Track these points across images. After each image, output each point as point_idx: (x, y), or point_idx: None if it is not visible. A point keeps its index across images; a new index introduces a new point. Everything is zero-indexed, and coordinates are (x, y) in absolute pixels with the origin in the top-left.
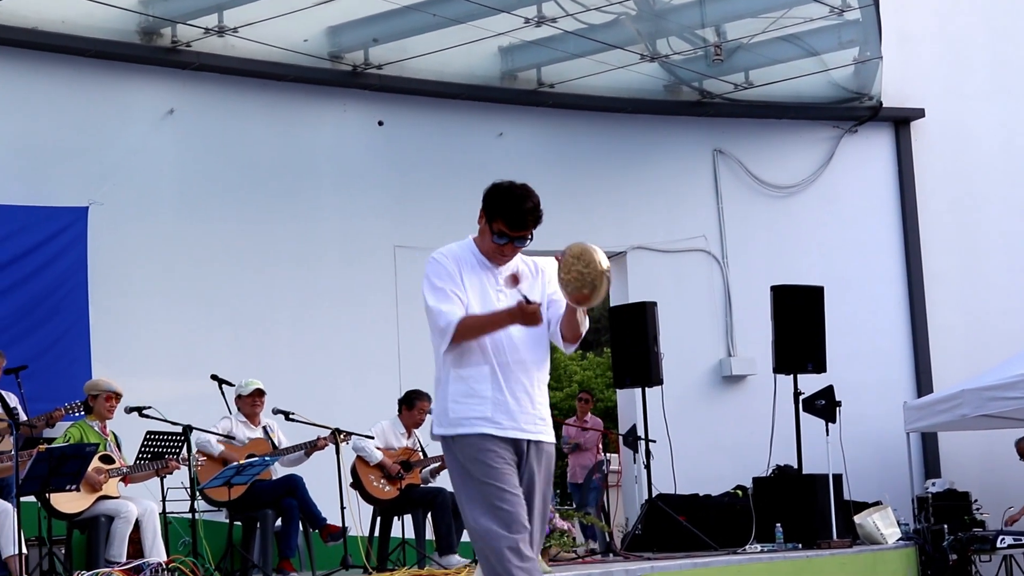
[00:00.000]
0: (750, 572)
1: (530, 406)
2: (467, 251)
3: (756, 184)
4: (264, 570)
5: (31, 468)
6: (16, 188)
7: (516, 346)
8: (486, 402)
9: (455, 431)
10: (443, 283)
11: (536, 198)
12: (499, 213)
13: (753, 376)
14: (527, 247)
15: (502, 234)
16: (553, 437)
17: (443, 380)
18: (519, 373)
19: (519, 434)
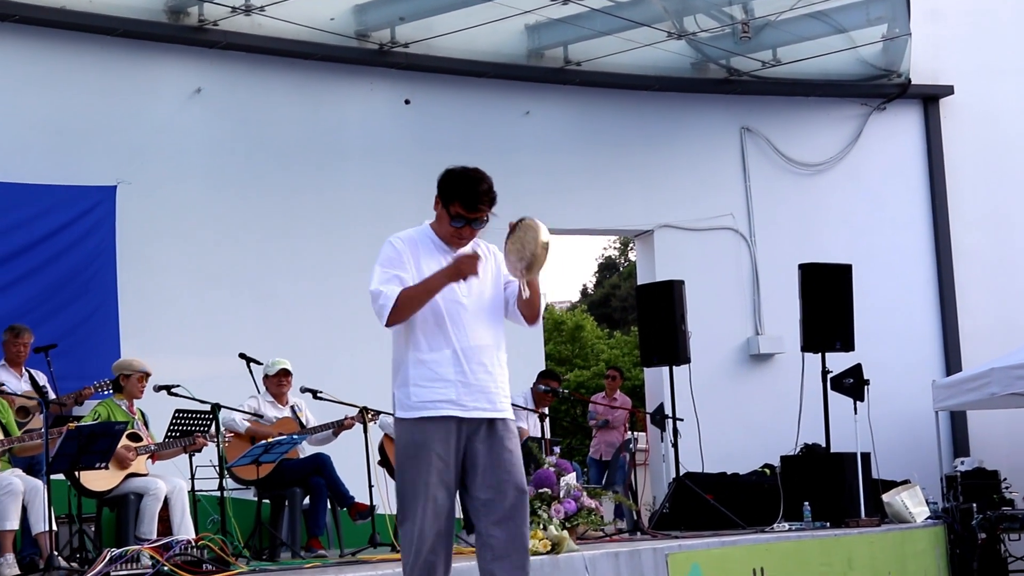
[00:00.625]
0: (778, 551)
1: (492, 385)
2: (424, 236)
3: (784, 162)
4: (292, 548)
5: (61, 446)
6: (45, 167)
7: (476, 329)
8: (450, 384)
9: (418, 414)
10: (387, 267)
11: (490, 181)
12: (455, 196)
13: (781, 354)
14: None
15: (459, 216)
16: (511, 412)
17: (403, 364)
18: (480, 354)
19: (483, 413)
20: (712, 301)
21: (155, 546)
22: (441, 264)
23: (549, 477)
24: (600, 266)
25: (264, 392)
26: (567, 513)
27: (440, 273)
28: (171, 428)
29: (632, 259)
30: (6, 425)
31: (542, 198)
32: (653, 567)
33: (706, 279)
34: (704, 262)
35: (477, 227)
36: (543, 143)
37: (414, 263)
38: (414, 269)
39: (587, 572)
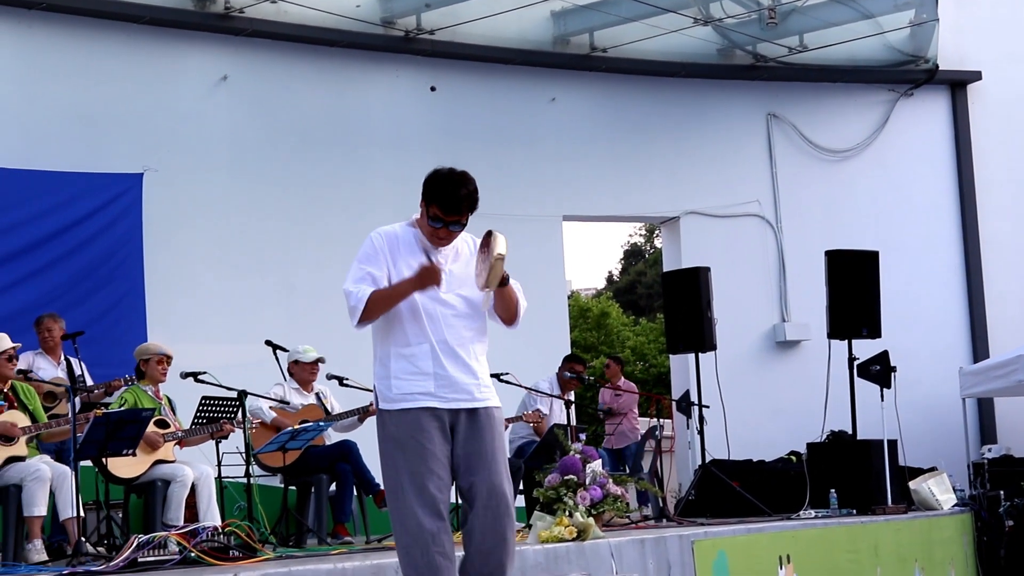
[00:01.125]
0: (804, 538)
1: (471, 377)
2: (408, 232)
3: (810, 148)
4: (319, 535)
5: (88, 433)
6: (72, 155)
7: (453, 323)
8: (429, 378)
9: (399, 406)
10: (363, 264)
11: (472, 186)
12: (434, 199)
13: (807, 341)
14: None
15: (437, 218)
16: (498, 402)
17: (383, 358)
18: (458, 348)
19: (460, 404)
20: (738, 288)
21: (182, 532)
22: (418, 258)
23: (575, 464)
24: (626, 253)
25: (290, 379)
26: (593, 500)
27: (405, 282)
28: (198, 415)
29: (658, 246)
30: (33, 411)
31: (568, 185)
32: (679, 554)
33: (732, 266)
34: (730, 249)
35: (455, 229)
36: (569, 130)
37: (391, 260)
38: (390, 266)
39: (613, 559)
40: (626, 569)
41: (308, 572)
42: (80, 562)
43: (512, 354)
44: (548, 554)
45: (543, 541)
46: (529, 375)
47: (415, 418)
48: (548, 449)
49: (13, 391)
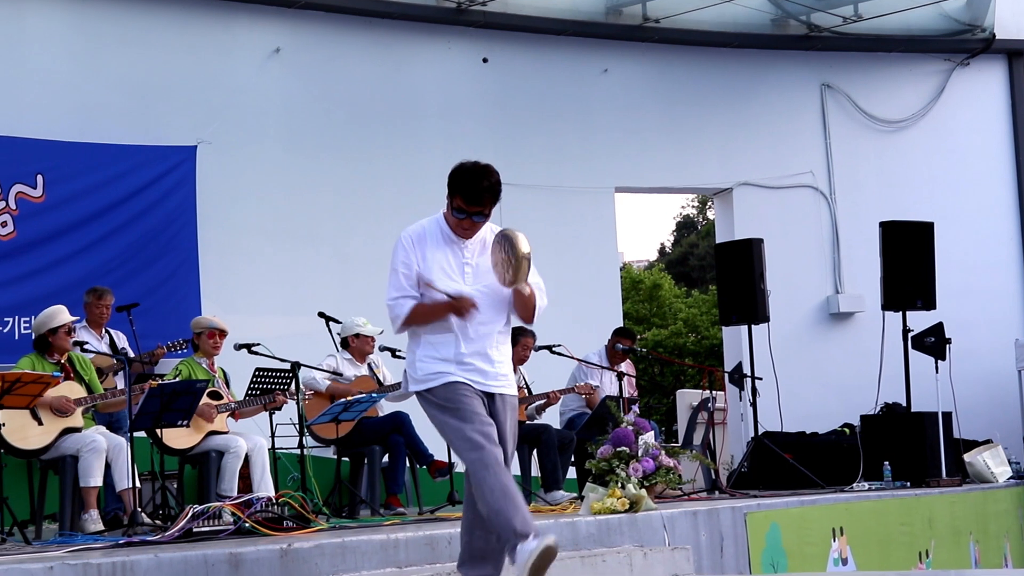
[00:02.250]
0: (858, 510)
1: (489, 366)
2: (435, 226)
3: (865, 119)
4: (372, 506)
5: (143, 404)
6: (126, 128)
7: (476, 315)
8: (450, 364)
9: (427, 386)
10: (400, 269)
11: (495, 178)
12: (457, 190)
13: (861, 313)
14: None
15: (460, 210)
16: (515, 390)
17: (412, 344)
18: (479, 338)
19: (480, 388)
20: (791, 259)
21: (237, 503)
22: (447, 256)
23: (627, 436)
24: (678, 225)
25: (343, 350)
26: (645, 472)
27: (442, 306)
28: (251, 386)
29: (710, 217)
30: (89, 382)
31: (620, 156)
32: (732, 526)
33: (786, 237)
34: (784, 220)
35: (478, 220)
36: (621, 101)
37: (421, 256)
38: (419, 261)
39: (665, 531)
40: (678, 541)
41: (361, 543)
42: (136, 532)
43: (565, 326)
44: (600, 526)
45: (595, 513)
46: (581, 347)
47: (448, 387)
48: (600, 421)
49: (70, 362)
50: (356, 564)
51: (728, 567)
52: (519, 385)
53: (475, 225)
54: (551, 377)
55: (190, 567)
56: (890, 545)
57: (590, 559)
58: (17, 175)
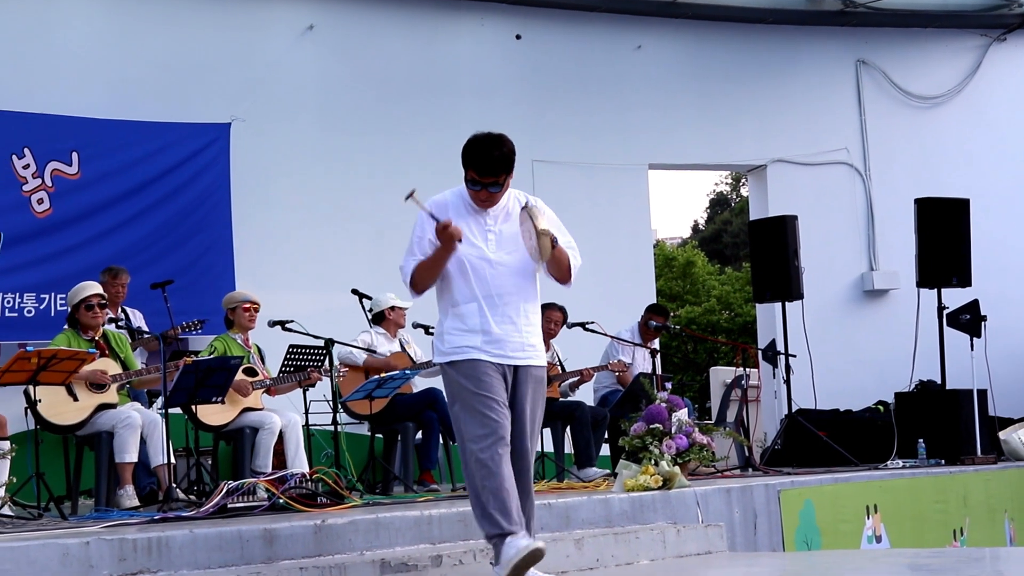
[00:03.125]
0: (892, 488)
1: (516, 335)
2: (457, 197)
3: (900, 95)
4: (405, 482)
5: (178, 380)
6: (161, 105)
7: (501, 282)
8: (476, 334)
9: (451, 359)
10: (416, 238)
11: (507, 147)
12: (470, 163)
13: (896, 290)
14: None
15: (474, 181)
16: (543, 360)
17: (441, 316)
18: (504, 305)
19: (505, 360)
20: (826, 236)
21: (271, 479)
22: (470, 224)
23: (660, 413)
24: (711, 202)
25: (376, 327)
26: (679, 449)
27: (436, 249)
28: (285, 363)
29: (744, 194)
30: (124, 359)
31: (653, 133)
32: (765, 503)
33: (820, 214)
34: (818, 197)
35: (493, 191)
36: (655, 78)
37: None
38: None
39: (699, 508)
40: (712, 518)
41: (395, 519)
42: (171, 508)
43: (598, 303)
44: (634, 502)
45: (629, 490)
46: (615, 324)
47: (471, 364)
48: (634, 398)
49: (105, 339)
50: (390, 540)
51: (761, 544)
52: (552, 362)
53: (491, 196)
54: (584, 354)
55: (225, 543)
56: (924, 523)
57: (623, 536)
58: (53, 152)
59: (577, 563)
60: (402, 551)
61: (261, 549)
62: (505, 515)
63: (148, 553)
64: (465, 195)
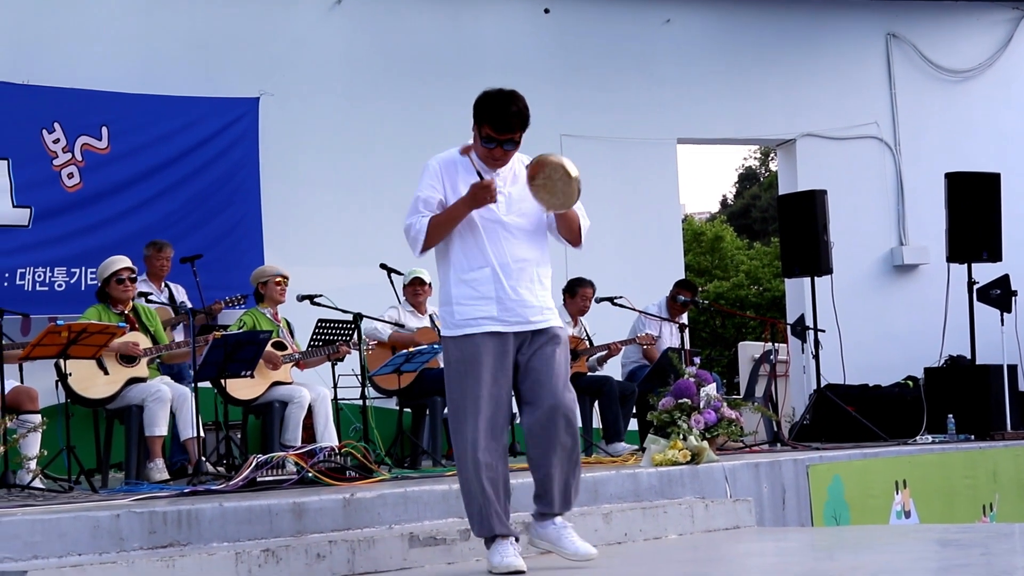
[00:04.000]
0: (921, 463)
1: (533, 299)
2: (463, 158)
3: (931, 69)
4: (434, 456)
5: (207, 355)
6: (190, 80)
7: (515, 246)
8: (491, 302)
9: (462, 331)
10: (421, 194)
11: (523, 103)
12: (485, 119)
13: (926, 265)
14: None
15: (489, 138)
16: (560, 322)
17: (445, 285)
18: (520, 271)
19: (523, 327)
20: (855, 211)
21: (300, 453)
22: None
23: (689, 387)
24: (740, 176)
25: (404, 302)
26: (707, 424)
27: (459, 202)
28: (314, 337)
29: (773, 169)
30: (154, 333)
31: (682, 108)
32: (794, 478)
33: (849, 189)
34: (847, 171)
35: (508, 148)
36: (684, 52)
37: (450, 185)
38: (447, 189)
39: (727, 483)
40: (740, 493)
41: (423, 493)
42: (200, 481)
43: (626, 278)
44: (662, 477)
45: (657, 464)
46: (643, 299)
47: (478, 343)
48: (662, 373)
49: (135, 313)
50: (418, 514)
51: (790, 519)
52: (580, 336)
53: (506, 154)
54: (612, 329)
55: (254, 516)
56: (954, 498)
57: (651, 511)
58: (83, 127)
59: (605, 537)
60: (430, 525)
61: (290, 522)
62: (494, 520)
63: (178, 526)
64: (467, 158)
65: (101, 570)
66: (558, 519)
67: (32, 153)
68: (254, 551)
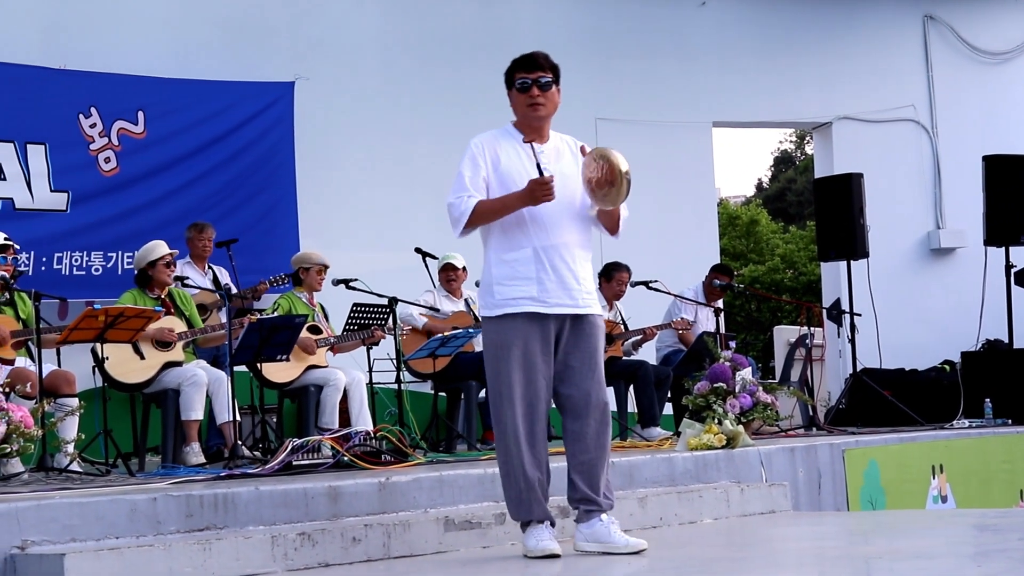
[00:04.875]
0: (958, 448)
1: (574, 282)
2: (506, 134)
3: (968, 50)
4: (468, 440)
5: (243, 338)
6: (225, 64)
7: (557, 227)
8: (531, 282)
9: (502, 311)
10: (466, 171)
11: (546, 54)
12: (514, 68)
13: (963, 248)
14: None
15: (523, 82)
16: (599, 309)
17: (487, 264)
18: (561, 252)
19: (564, 310)
20: (892, 194)
21: (335, 436)
22: (521, 157)
23: (724, 372)
24: (776, 160)
25: (439, 287)
26: (742, 408)
27: (516, 196)
28: (349, 321)
29: (809, 152)
30: (190, 317)
31: (717, 91)
32: (830, 462)
33: (886, 172)
34: (884, 154)
35: (544, 86)
36: (719, 34)
37: (493, 158)
38: (489, 168)
39: (762, 467)
40: (776, 477)
41: (459, 477)
42: (236, 465)
43: (661, 262)
44: (697, 461)
45: (692, 449)
46: (678, 283)
47: (517, 324)
48: (697, 357)
49: (170, 297)
50: (453, 498)
51: (826, 504)
52: (616, 321)
53: (544, 94)
54: (647, 313)
55: (290, 499)
56: (991, 483)
57: (687, 495)
58: (119, 111)
59: (640, 521)
60: (465, 508)
61: (326, 506)
62: (532, 504)
63: (215, 509)
64: (513, 131)
65: (138, 553)
66: (604, 516)
67: (69, 138)
68: (290, 534)
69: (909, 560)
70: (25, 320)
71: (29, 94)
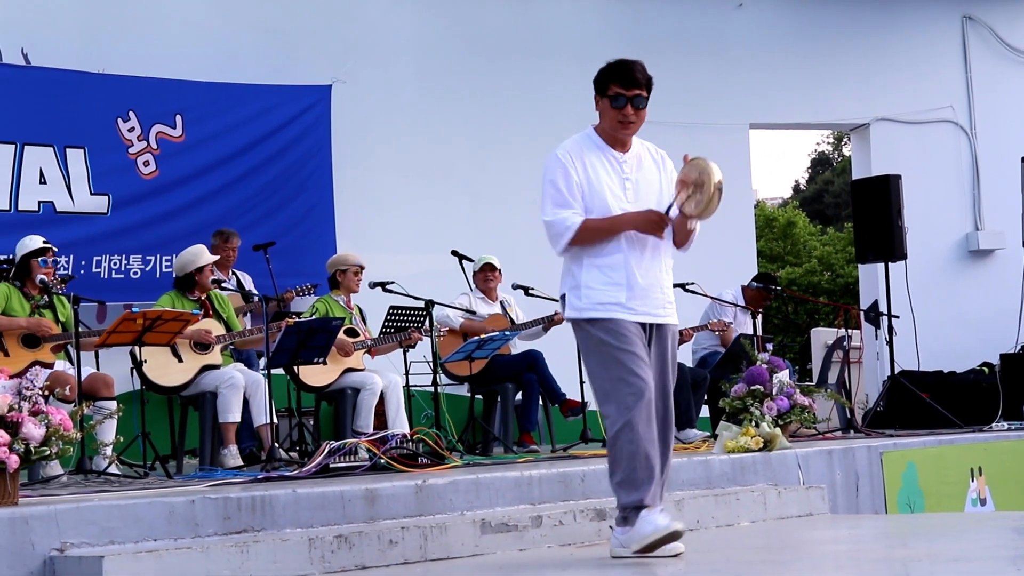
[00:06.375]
0: (996, 450)
1: (659, 291)
2: (589, 141)
3: (1007, 51)
4: (505, 443)
5: (280, 341)
6: (262, 68)
7: (645, 236)
8: (621, 288)
9: (590, 315)
10: (560, 182)
11: (643, 65)
12: (611, 78)
13: (1002, 250)
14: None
15: (618, 96)
16: (677, 319)
17: (574, 267)
18: (648, 259)
19: (649, 318)
20: (930, 196)
21: (372, 439)
22: (607, 168)
23: (761, 374)
24: (813, 161)
25: (475, 289)
26: (780, 410)
27: (627, 219)
28: (386, 324)
29: (846, 154)
30: (228, 320)
31: (754, 92)
32: (867, 465)
33: (924, 173)
34: (922, 156)
35: (638, 105)
36: (756, 36)
37: (581, 166)
38: (579, 168)
39: (800, 470)
40: (813, 480)
41: (495, 480)
42: (274, 467)
43: (698, 264)
44: (734, 464)
45: (729, 451)
46: (715, 285)
47: (614, 323)
48: (734, 359)
49: (209, 300)
50: (490, 500)
51: (864, 507)
52: None
53: (636, 113)
54: (684, 315)
55: (327, 502)
56: None
57: (723, 497)
58: (157, 115)
59: None
60: (502, 511)
61: (363, 508)
62: (645, 486)
63: (252, 512)
64: (596, 138)
65: (176, 555)
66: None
67: (108, 142)
68: (327, 537)
69: (947, 563)
70: (64, 323)
71: (68, 98)
